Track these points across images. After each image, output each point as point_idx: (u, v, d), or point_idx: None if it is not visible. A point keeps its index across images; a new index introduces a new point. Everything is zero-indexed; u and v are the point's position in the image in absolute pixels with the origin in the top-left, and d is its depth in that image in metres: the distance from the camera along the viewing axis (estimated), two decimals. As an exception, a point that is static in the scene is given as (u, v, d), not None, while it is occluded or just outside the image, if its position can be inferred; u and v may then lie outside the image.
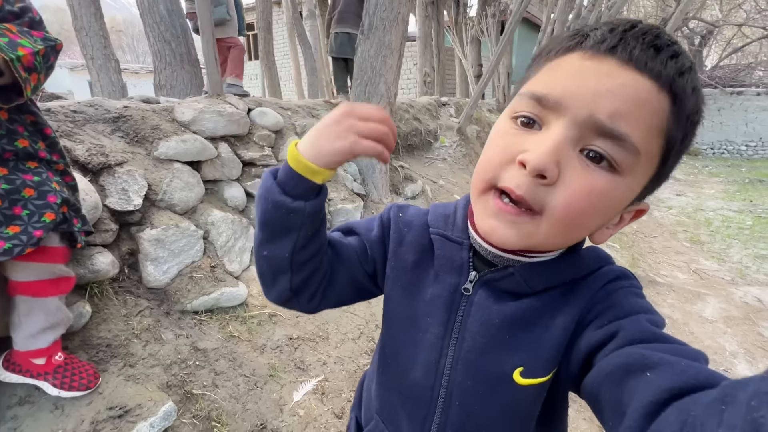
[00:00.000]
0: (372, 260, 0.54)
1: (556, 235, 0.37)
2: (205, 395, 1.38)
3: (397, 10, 2.73)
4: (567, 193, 0.34)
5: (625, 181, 0.35)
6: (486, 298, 0.45)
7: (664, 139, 0.34)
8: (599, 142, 0.34)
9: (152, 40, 3.54)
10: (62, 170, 1.10)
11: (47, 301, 1.06)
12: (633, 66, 0.33)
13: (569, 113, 0.34)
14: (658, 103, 0.33)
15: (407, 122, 3.97)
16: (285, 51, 10.91)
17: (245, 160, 2.10)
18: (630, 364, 0.32)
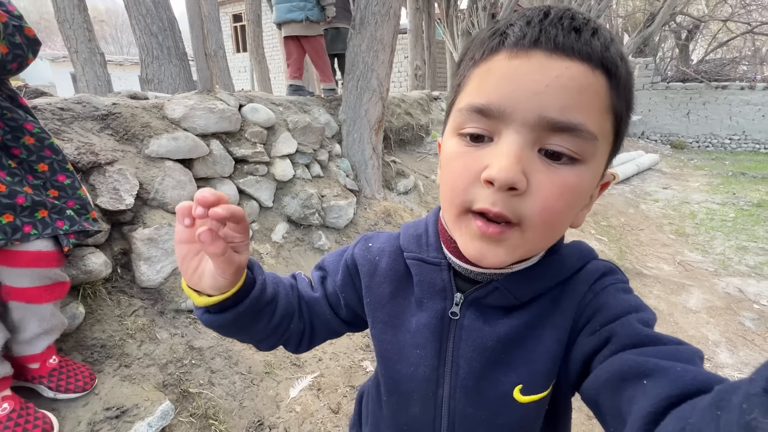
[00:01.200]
0: (346, 305, 0.53)
1: (540, 239, 0.37)
2: (201, 393, 1.39)
3: (389, 4, 2.71)
4: (541, 198, 0.33)
5: (590, 167, 0.35)
6: (475, 319, 0.44)
7: (612, 114, 0.34)
8: (555, 138, 0.33)
9: (138, 33, 3.46)
10: (49, 170, 1.07)
11: (42, 308, 1.04)
12: (561, 54, 0.32)
13: (517, 118, 0.33)
14: (597, 83, 0.33)
15: (399, 117, 3.96)
16: (275, 43, 10.74)
17: (237, 157, 2.09)
18: (625, 372, 0.32)
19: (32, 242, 0.98)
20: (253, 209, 2.15)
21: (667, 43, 13.94)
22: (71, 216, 1.06)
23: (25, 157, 1.03)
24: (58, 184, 1.08)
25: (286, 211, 2.33)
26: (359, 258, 0.51)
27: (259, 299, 0.45)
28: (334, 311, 0.54)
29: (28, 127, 1.05)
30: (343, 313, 0.54)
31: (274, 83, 9.96)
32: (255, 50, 5.15)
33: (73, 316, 1.26)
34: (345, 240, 2.56)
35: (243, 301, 0.43)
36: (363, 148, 2.94)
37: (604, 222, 4.38)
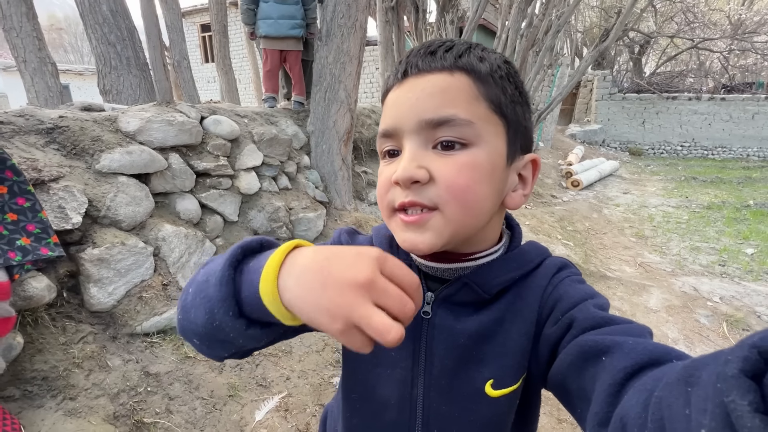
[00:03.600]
0: None
1: (460, 216, 0.40)
2: (157, 423, 1.30)
3: (355, 17, 2.73)
4: (443, 180, 0.39)
5: (482, 148, 0.40)
6: (446, 317, 0.45)
7: (485, 100, 0.40)
8: (440, 132, 0.39)
9: (95, 43, 3.31)
10: (9, 192, 1.00)
11: None
12: (423, 72, 0.41)
13: (406, 129, 0.41)
14: (457, 82, 0.40)
15: (369, 128, 3.98)
16: (243, 53, 10.60)
17: (199, 171, 2.01)
18: (585, 352, 0.35)
19: None
20: (216, 224, 2.07)
21: (622, 56, 14.84)
22: (22, 246, 0.98)
23: None
24: (17, 207, 1.01)
25: (252, 225, 2.26)
26: None
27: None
28: None
29: None
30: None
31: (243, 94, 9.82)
32: (221, 61, 5.06)
33: (10, 347, 1.16)
34: (315, 253, 2.51)
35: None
36: (332, 160, 2.92)
37: (570, 227, 4.54)
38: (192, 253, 1.83)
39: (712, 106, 10.31)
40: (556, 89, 9.25)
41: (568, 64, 9.97)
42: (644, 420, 0.26)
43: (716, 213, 5.31)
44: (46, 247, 1.06)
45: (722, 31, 12.53)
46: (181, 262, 1.76)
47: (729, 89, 11.38)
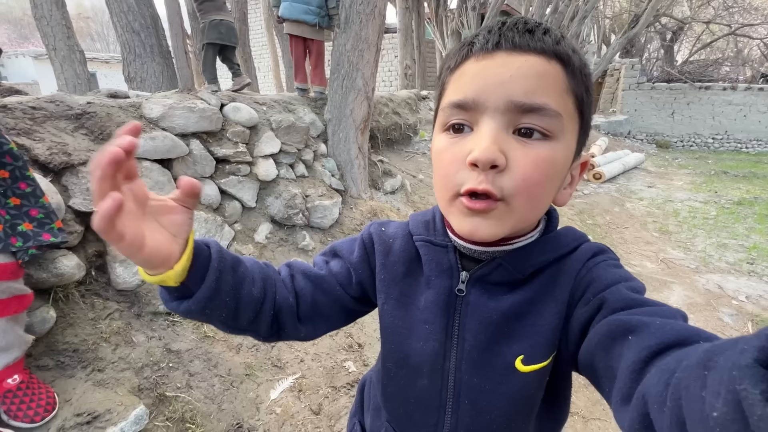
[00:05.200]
0: (358, 283, 0.54)
1: (525, 210, 0.40)
2: (178, 397, 1.37)
3: (374, 3, 2.70)
4: (519, 172, 0.38)
5: (561, 143, 0.39)
6: (480, 295, 0.47)
7: (572, 95, 0.39)
8: (525, 119, 0.38)
9: (120, 31, 3.40)
10: (11, 177, 1.03)
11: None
12: (520, 50, 0.38)
13: (490, 106, 0.38)
14: (553, 70, 0.38)
15: (387, 116, 3.96)
16: (263, 41, 10.64)
17: (219, 157, 2.06)
18: (613, 331, 0.35)
19: None
20: (235, 210, 2.12)
21: (652, 44, 14.17)
22: (24, 231, 1.02)
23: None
24: (19, 192, 1.04)
25: (269, 212, 2.31)
26: (376, 237, 0.55)
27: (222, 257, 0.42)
28: (343, 288, 0.54)
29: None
30: (353, 290, 0.55)
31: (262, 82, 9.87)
32: (241, 48, 5.09)
33: (44, 320, 1.23)
34: (330, 240, 2.54)
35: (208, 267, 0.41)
36: (349, 148, 2.93)
37: (590, 220, 4.44)
38: (212, 237, 1.88)
39: (749, 97, 9.77)
40: (580, 78, 8.96)
41: (594, 51, 9.59)
42: (664, 398, 0.26)
43: (747, 209, 5.08)
44: (48, 233, 1.08)
45: (764, 17, 11.77)
46: (201, 246, 1.82)
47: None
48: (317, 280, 0.53)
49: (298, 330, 0.52)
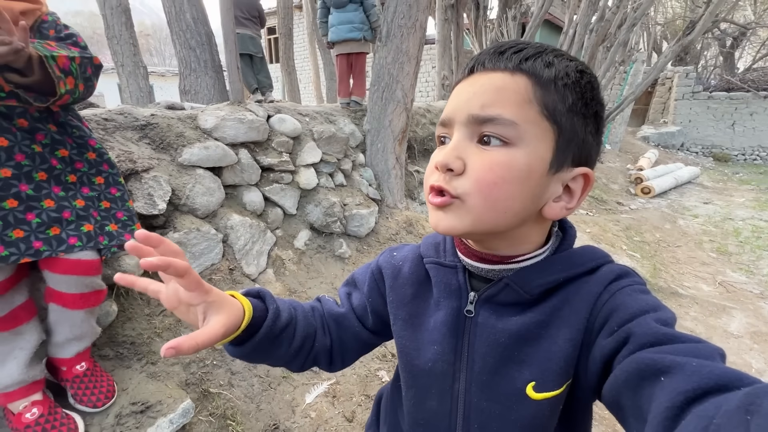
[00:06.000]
0: (373, 312, 0.58)
1: (482, 209, 0.41)
2: (221, 394, 1.43)
3: (415, 17, 2.75)
4: (473, 173, 0.41)
5: (523, 149, 0.40)
6: (489, 316, 0.47)
7: (537, 105, 0.40)
8: (484, 128, 0.41)
9: (178, 47, 3.67)
10: (105, 183, 1.15)
11: (73, 314, 1.10)
12: (487, 70, 0.42)
13: (457, 120, 0.43)
14: (515, 84, 0.41)
15: (424, 127, 3.98)
16: (305, 54, 11.07)
17: (264, 166, 2.16)
18: (643, 371, 0.33)
19: (76, 252, 1.05)
20: (277, 216, 2.21)
21: (710, 51, 13.27)
22: (111, 231, 1.12)
23: (86, 170, 1.12)
24: (110, 197, 1.16)
25: (309, 219, 2.38)
26: (384, 264, 0.58)
27: (273, 327, 0.49)
28: (362, 323, 0.59)
29: (91, 143, 1.14)
30: (370, 322, 0.59)
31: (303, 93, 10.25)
32: (286, 62, 5.35)
33: (107, 313, 1.34)
34: (366, 248, 2.58)
35: (258, 332, 0.47)
36: (386, 158, 2.97)
37: (637, 237, 4.19)
38: (255, 241, 1.97)
39: (824, 107, 8.88)
40: (628, 87, 8.54)
41: (644, 60, 9.12)
42: None
43: (822, 230, 4.59)
44: (129, 234, 1.18)
45: (842, 19, 10.72)
46: (246, 250, 1.91)
47: None
48: (339, 320, 0.59)
49: (331, 366, 0.59)
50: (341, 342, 0.58)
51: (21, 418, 1.01)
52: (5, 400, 1.01)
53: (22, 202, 0.97)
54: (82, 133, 1.13)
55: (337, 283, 2.26)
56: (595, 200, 5.48)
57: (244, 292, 0.50)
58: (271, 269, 2.04)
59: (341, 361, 0.60)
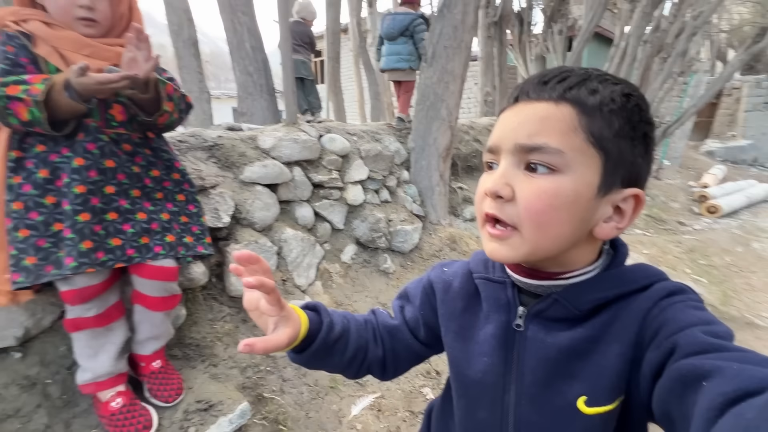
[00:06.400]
0: (425, 325, 0.62)
1: (536, 238, 0.43)
2: (273, 399, 1.50)
3: (461, 38, 2.81)
4: (523, 201, 0.42)
5: (568, 176, 0.42)
6: (538, 331, 0.48)
7: (583, 132, 0.41)
8: (531, 156, 0.43)
9: (238, 73, 4.00)
10: (186, 200, 1.31)
11: (154, 315, 1.23)
12: (531, 100, 0.44)
13: (504, 148, 0.45)
14: (559, 113, 0.42)
15: (467, 144, 3.98)
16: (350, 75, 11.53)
17: (315, 183, 2.28)
18: (685, 377, 0.33)
19: (159, 260, 1.19)
20: (326, 230, 2.31)
21: (785, 57, 12.10)
22: (187, 243, 1.26)
23: (171, 188, 1.28)
24: (188, 212, 1.31)
25: (355, 234, 2.46)
26: (435, 279, 0.61)
27: (327, 338, 0.55)
28: (414, 335, 0.63)
29: (176, 165, 1.31)
30: (422, 335, 0.63)
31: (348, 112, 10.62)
32: (333, 84, 5.62)
33: (178, 317, 1.47)
34: (410, 264, 2.61)
35: (313, 342, 0.54)
36: (430, 175, 3.01)
37: (702, 260, 3.85)
38: (305, 254, 2.07)
39: None
40: (688, 100, 7.99)
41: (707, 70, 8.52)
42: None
43: None
44: (202, 246, 1.32)
45: None
46: (297, 262, 2.01)
47: None
48: (393, 331, 0.63)
49: (384, 375, 0.65)
50: (394, 353, 0.62)
51: (107, 407, 1.14)
52: (96, 389, 1.14)
53: (120, 215, 1.12)
54: (169, 157, 1.29)
55: (382, 297, 2.29)
56: (652, 219, 5.13)
57: (303, 306, 0.57)
58: (319, 281, 2.13)
59: (394, 370, 0.64)
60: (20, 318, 1.16)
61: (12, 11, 1.03)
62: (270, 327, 0.49)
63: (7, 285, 1.03)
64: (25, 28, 1.02)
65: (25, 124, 0.97)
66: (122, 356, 1.19)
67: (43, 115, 0.94)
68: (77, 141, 1.06)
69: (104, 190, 1.09)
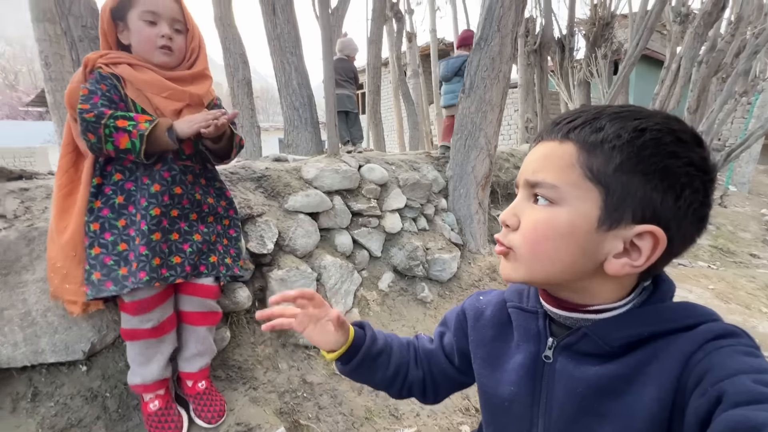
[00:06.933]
0: (459, 350, 0.64)
1: (531, 261, 0.46)
2: (309, 426, 1.51)
3: (498, 68, 2.85)
4: (522, 229, 0.47)
5: (564, 209, 0.44)
6: (567, 364, 0.47)
7: (580, 168, 0.43)
8: (535, 190, 0.47)
9: (285, 108, 4.29)
10: (228, 224, 1.43)
11: (198, 329, 1.32)
12: (544, 140, 0.48)
13: (519, 183, 0.50)
14: (561, 150, 0.45)
15: (507, 171, 3.93)
16: (389, 105, 11.92)
17: (354, 211, 2.35)
18: (733, 428, 0.31)
19: (202, 278, 1.30)
20: (364, 258, 2.35)
21: None
22: (227, 263, 1.37)
23: (220, 214, 1.41)
24: (229, 236, 1.42)
25: (392, 262, 2.48)
26: (468, 306, 0.65)
27: (370, 349, 0.62)
28: (449, 361, 0.66)
29: (227, 194, 1.46)
30: (457, 361, 0.65)
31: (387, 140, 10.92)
32: (373, 115, 5.85)
33: (222, 338, 1.55)
34: (448, 294, 2.56)
35: (359, 352, 0.62)
36: (469, 203, 2.98)
37: (783, 298, 3.42)
38: (344, 281, 2.11)
39: None
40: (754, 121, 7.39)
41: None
42: None
43: None
44: (238, 268, 1.42)
45: None
46: (335, 288, 2.06)
47: None
48: (430, 356, 0.67)
49: (425, 398, 0.68)
50: (432, 376, 0.66)
51: (147, 407, 1.25)
52: (144, 391, 1.25)
53: (181, 235, 1.25)
54: (221, 186, 1.44)
55: (419, 327, 2.26)
56: (719, 251, 4.67)
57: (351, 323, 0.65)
58: (356, 308, 2.15)
59: (434, 394, 0.68)
60: (88, 333, 1.29)
61: (102, 55, 1.21)
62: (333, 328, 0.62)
63: (83, 296, 1.16)
64: (115, 70, 1.19)
65: (119, 151, 1.12)
66: (168, 365, 1.28)
67: (142, 147, 1.11)
68: (155, 170, 1.21)
69: (171, 213, 1.23)
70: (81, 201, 1.18)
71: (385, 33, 6.79)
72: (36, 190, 1.45)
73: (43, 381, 1.25)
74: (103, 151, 1.13)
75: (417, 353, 0.67)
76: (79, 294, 1.16)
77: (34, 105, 17.74)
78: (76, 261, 1.16)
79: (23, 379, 1.23)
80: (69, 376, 1.28)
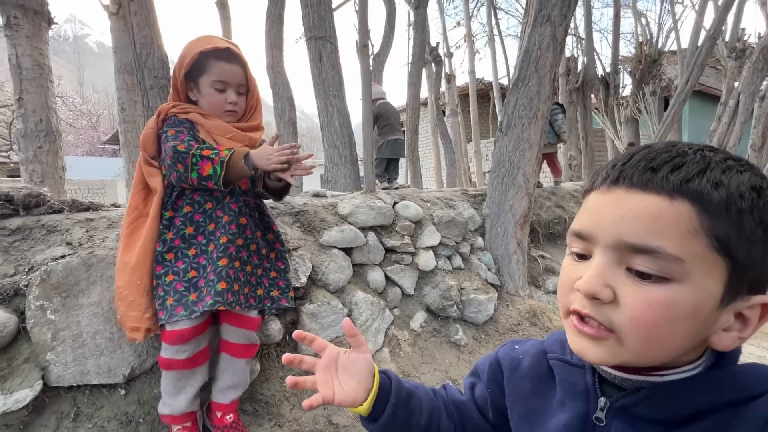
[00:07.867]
0: (492, 404, 0.58)
1: (641, 350, 0.38)
2: (332, 473, 1.44)
3: (537, 107, 2.84)
4: (628, 308, 0.37)
5: (688, 287, 0.36)
6: (624, 429, 0.42)
7: (706, 237, 0.36)
8: (638, 259, 0.37)
9: (326, 146, 4.51)
10: (275, 257, 1.48)
11: (237, 362, 1.34)
12: (637, 189, 0.38)
13: (601, 241, 0.40)
14: (675, 211, 0.36)
15: (549, 210, 3.79)
16: (427, 143, 12.15)
17: (387, 247, 2.35)
18: None
19: (247, 310, 1.33)
20: (396, 295, 2.32)
21: None
22: (273, 296, 1.41)
23: (269, 247, 1.49)
24: (278, 268, 1.48)
25: (425, 300, 2.42)
26: (503, 356, 0.59)
27: (400, 390, 0.57)
28: (482, 414, 0.61)
29: (273, 227, 1.54)
30: (491, 415, 0.59)
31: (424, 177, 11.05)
32: (410, 153, 5.98)
33: (252, 371, 1.56)
34: (484, 338, 2.43)
35: (389, 393, 0.56)
36: (507, 242, 2.89)
37: None
38: (375, 318, 2.08)
39: None
40: (833, 158, 6.69)
41: None
42: None
43: None
44: (285, 299, 1.44)
45: None
46: (366, 326, 2.03)
47: None
48: (461, 408, 0.61)
49: None
50: (464, 429, 0.60)
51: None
52: (171, 422, 1.27)
53: (242, 264, 1.31)
54: (269, 220, 1.53)
55: (452, 372, 2.15)
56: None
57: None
58: (387, 348, 2.09)
59: None
60: (129, 358, 1.35)
61: (174, 105, 1.37)
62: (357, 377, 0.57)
63: (145, 323, 1.23)
64: (187, 117, 1.34)
65: (201, 178, 1.23)
66: (197, 397, 1.30)
67: (222, 172, 1.21)
68: (225, 202, 1.33)
69: (236, 242, 1.31)
70: (148, 234, 1.28)
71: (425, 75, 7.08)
72: (100, 220, 1.60)
73: (86, 402, 1.31)
74: (188, 180, 1.24)
75: (446, 404, 0.61)
76: (141, 321, 1.23)
77: (110, 143, 20.05)
78: (141, 289, 1.24)
79: (68, 398, 1.30)
80: (108, 398, 1.34)
